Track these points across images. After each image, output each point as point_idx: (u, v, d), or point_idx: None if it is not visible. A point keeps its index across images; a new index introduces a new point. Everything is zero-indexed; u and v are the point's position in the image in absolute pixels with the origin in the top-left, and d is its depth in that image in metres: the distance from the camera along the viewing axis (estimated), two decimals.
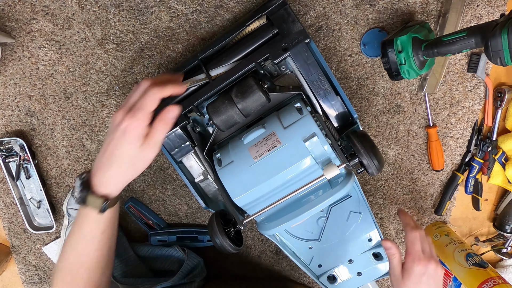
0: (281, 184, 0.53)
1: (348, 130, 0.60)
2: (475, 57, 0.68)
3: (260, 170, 0.53)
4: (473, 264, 0.69)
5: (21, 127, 0.72)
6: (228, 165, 0.55)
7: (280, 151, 0.52)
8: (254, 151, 0.53)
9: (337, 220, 0.64)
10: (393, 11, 0.66)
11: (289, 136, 0.53)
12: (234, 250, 0.59)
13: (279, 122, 0.55)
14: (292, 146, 0.52)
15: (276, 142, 0.53)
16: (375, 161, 0.53)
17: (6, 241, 0.81)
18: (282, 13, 0.55)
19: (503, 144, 0.73)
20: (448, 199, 0.77)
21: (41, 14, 0.66)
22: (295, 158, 0.52)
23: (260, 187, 0.53)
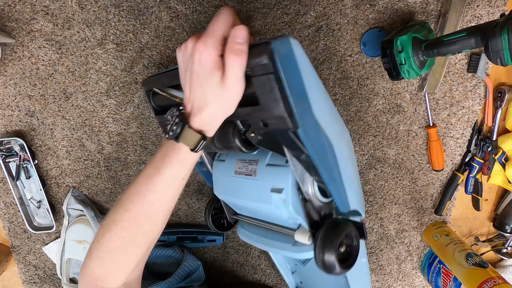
0: (250, 208, 0.53)
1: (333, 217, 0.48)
2: (475, 57, 0.68)
3: (234, 185, 0.52)
4: (473, 264, 0.69)
5: (21, 127, 0.72)
6: (219, 161, 0.56)
7: (251, 182, 0.49)
8: (237, 166, 0.52)
9: None
10: (393, 11, 0.66)
11: (263, 176, 0.47)
12: (212, 229, 0.67)
13: (268, 154, 0.49)
14: (261, 188, 0.47)
15: (253, 172, 0.49)
16: (321, 256, 0.41)
17: (6, 241, 0.81)
18: (263, 81, 0.36)
19: (503, 144, 0.73)
20: (448, 199, 0.77)
21: (41, 14, 0.66)
22: (261, 199, 0.47)
23: (232, 198, 0.53)
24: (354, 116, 0.73)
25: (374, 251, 0.83)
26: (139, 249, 0.45)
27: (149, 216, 0.43)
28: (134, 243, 0.44)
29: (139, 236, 0.44)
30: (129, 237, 0.44)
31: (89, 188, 0.76)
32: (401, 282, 0.86)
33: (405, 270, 0.85)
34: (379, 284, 0.86)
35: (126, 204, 0.43)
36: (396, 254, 0.84)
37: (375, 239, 0.82)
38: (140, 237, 0.44)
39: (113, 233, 0.44)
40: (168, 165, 0.42)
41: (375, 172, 0.77)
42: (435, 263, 0.79)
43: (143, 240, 0.45)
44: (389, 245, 0.83)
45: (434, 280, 0.79)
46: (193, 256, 0.76)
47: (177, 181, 0.43)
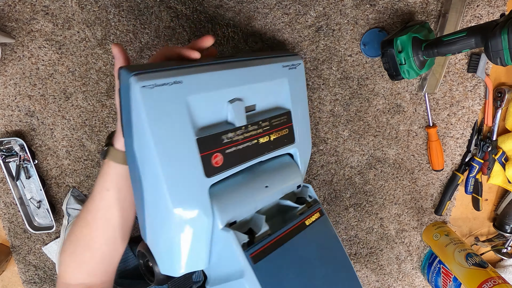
0: None
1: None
2: (475, 57, 0.68)
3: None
4: (473, 264, 0.69)
5: (21, 127, 0.72)
6: None
7: None
8: None
9: None
10: (393, 11, 0.66)
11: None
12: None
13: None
14: None
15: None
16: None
17: (6, 241, 0.81)
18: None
19: (503, 144, 0.73)
20: (448, 199, 0.77)
21: (41, 14, 0.66)
22: None
23: None
24: (354, 116, 0.73)
25: (374, 251, 0.83)
26: (84, 252, 0.51)
27: (87, 223, 0.50)
28: (78, 246, 0.51)
29: (81, 241, 0.51)
30: (75, 241, 0.51)
31: (89, 188, 0.76)
32: (401, 282, 0.86)
33: (405, 270, 0.85)
34: (379, 284, 0.86)
35: (79, 214, 0.52)
36: (396, 254, 0.84)
37: (375, 239, 0.82)
38: (81, 241, 0.51)
39: (67, 238, 0.52)
40: (106, 176, 0.49)
41: (375, 172, 0.77)
42: (435, 263, 0.79)
43: (89, 243, 0.50)
44: (389, 245, 0.83)
45: (434, 280, 0.79)
46: None
47: (103, 191, 0.49)
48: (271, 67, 0.50)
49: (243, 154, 0.46)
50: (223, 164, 0.44)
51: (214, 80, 0.44)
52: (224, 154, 0.44)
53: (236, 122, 0.45)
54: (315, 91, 0.71)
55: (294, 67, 0.53)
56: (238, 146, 0.46)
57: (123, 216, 0.50)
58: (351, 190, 0.78)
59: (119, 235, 0.51)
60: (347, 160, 0.76)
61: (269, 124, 0.49)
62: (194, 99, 0.42)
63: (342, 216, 0.80)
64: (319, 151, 0.75)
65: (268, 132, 0.49)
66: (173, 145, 0.40)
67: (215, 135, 0.43)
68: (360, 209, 0.80)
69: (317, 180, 0.77)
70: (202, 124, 0.43)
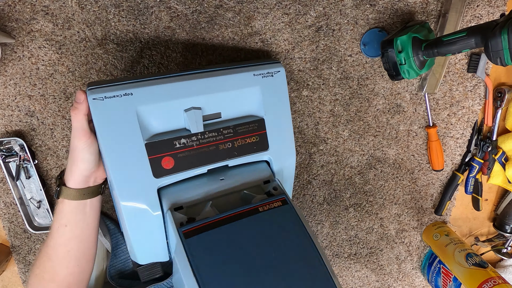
0: None
1: None
2: (475, 57, 0.68)
3: None
4: (473, 264, 0.69)
5: (21, 127, 0.72)
6: None
7: None
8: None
9: None
10: (393, 11, 0.66)
11: None
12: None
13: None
14: None
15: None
16: None
17: (6, 241, 0.81)
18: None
19: (503, 144, 0.73)
20: (448, 199, 0.77)
21: (41, 14, 0.66)
22: None
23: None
24: (354, 116, 0.73)
25: (374, 251, 0.83)
26: (48, 284, 0.53)
27: (49, 257, 0.53)
28: (42, 279, 0.53)
29: (45, 274, 0.53)
30: (40, 274, 0.53)
31: None
32: (401, 282, 0.86)
33: (405, 270, 0.85)
34: (379, 284, 0.86)
35: (40, 248, 0.56)
36: (396, 254, 0.84)
37: (375, 239, 0.82)
38: (46, 275, 0.53)
39: (32, 272, 0.54)
40: (53, 216, 0.53)
41: (375, 172, 0.77)
42: (435, 263, 0.79)
43: (53, 276, 0.53)
44: (389, 245, 0.83)
45: (434, 280, 0.79)
46: None
47: (61, 227, 0.52)
48: (239, 76, 0.52)
49: (198, 159, 0.50)
50: (174, 166, 0.49)
51: (166, 92, 0.48)
52: (176, 158, 0.49)
53: (192, 129, 0.50)
54: (315, 91, 0.71)
55: (270, 75, 0.54)
56: (192, 152, 0.50)
57: (83, 246, 0.54)
58: (351, 190, 0.78)
59: (82, 263, 0.55)
60: (347, 160, 0.76)
61: (232, 131, 0.52)
62: (145, 109, 0.47)
63: (342, 216, 0.80)
64: (319, 151, 0.75)
65: (231, 139, 0.52)
66: (121, 148, 0.47)
67: (167, 141, 0.49)
68: (360, 209, 0.80)
69: (317, 180, 0.77)
70: (157, 131, 0.49)
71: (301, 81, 0.70)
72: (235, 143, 0.52)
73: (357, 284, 0.86)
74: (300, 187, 0.78)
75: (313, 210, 0.79)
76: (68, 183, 0.50)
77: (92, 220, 0.54)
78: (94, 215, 0.53)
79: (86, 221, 0.53)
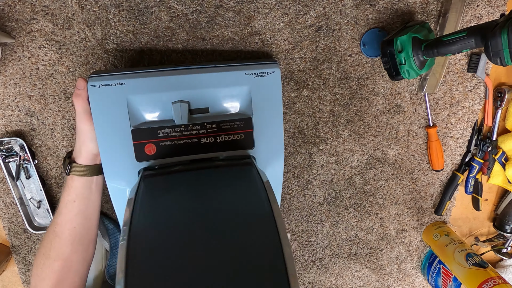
0: None
1: None
2: (475, 57, 0.68)
3: None
4: (473, 264, 0.69)
5: (21, 127, 0.72)
6: None
7: None
8: None
9: None
10: (393, 11, 0.66)
11: None
12: None
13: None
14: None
15: None
16: None
17: (6, 241, 0.81)
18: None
19: (503, 144, 0.73)
20: (448, 199, 0.77)
21: (41, 14, 0.66)
22: None
23: None
24: (354, 116, 0.73)
25: (374, 251, 0.83)
26: (54, 263, 0.55)
27: (56, 234, 0.56)
28: (48, 258, 0.56)
29: (51, 252, 0.56)
30: (46, 253, 0.56)
31: None
32: (401, 282, 0.86)
33: (405, 270, 0.85)
34: (379, 284, 0.86)
35: (48, 228, 0.58)
36: (396, 254, 0.84)
37: (375, 239, 0.82)
38: (52, 252, 0.56)
39: (39, 252, 0.57)
40: (62, 193, 0.57)
41: (375, 172, 0.77)
42: (435, 263, 0.79)
43: (58, 253, 0.56)
44: (389, 245, 0.83)
45: (434, 280, 0.79)
46: None
47: (70, 203, 0.55)
48: (230, 74, 0.53)
49: (180, 149, 0.53)
50: (155, 153, 0.52)
51: (156, 84, 0.51)
52: (158, 146, 0.52)
53: (176, 120, 0.52)
54: (315, 91, 0.71)
55: (263, 75, 0.55)
56: (175, 141, 0.52)
57: (87, 224, 0.57)
58: (351, 190, 0.78)
59: (85, 242, 0.58)
60: (347, 160, 0.76)
61: (216, 126, 0.53)
62: (135, 98, 0.51)
63: (342, 216, 0.80)
64: (319, 151, 0.75)
65: (214, 134, 0.53)
66: (110, 131, 0.52)
67: (152, 129, 0.52)
68: (360, 209, 0.80)
69: (317, 180, 0.77)
70: (145, 119, 0.53)
71: (301, 81, 0.70)
72: (218, 138, 0.54)
73: (357, 284, 0.86)
74: (300, 187, 0.78)
75: (313, 210, 0.79)
76: (78, 160, 0.55)
77: (96, 198, 0.58)
78: (98, 192, 0.58)
79: (91, 198, 0.57)
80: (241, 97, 0.55)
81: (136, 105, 0.52)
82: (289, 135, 0.74)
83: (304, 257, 0.83)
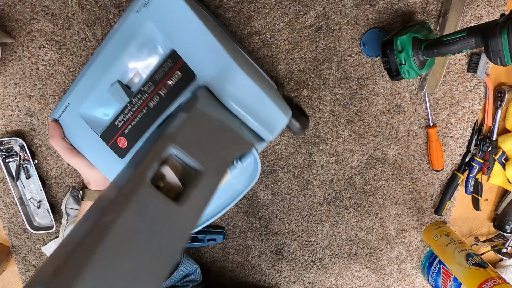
0: None
1: None
2: (475, 57, 0.68)
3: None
4: (473, 264, 0.69)
5: (21, 127, 0.72)
6: None
7: None
8: None
9: None
10: (393, 11, 0.66)
11: None
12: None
13: None
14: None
15: None
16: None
17: (6, 241, 0.81)
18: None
19: (503, 144, 0.73)
20: (448, 199, 0.77)
21: (41, 14, 0.66)
22: None
23: None
24: (354, 116, 0.73)
25: (374, 251, 0.83)
26: None
27: None
28: None
29: None
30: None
31: None
32: (401, 282, 0.86)
33: (405, 270, 0.85)
34: (379, 284, 0.86)
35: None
36: (396, 254, 0.84)
37: (375, 239, 0.82)
38: None
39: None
40: (78, 218, 0.59)
41: (375, 172, 0.77)
42: (435, 263, 0.79)
43: None
44: (389, 245, 0.83)
45: (434, 280, 0.79)
46: (190, 260, 0.76)
47: None
48: (125, 24, 0.48)
49: (142, 125, 0.50)
50: (128, 143, 0.52)
51: (86, 85, 0.51)
52: (125, 135, 0.51)
53: (120, 103, 0.50)
54: (315, 91, 0.71)
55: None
56: (133, 122, 0.51)
57: None
58: (351, 190, 0.78)
59: None
60: (347, 160, 0.76)
61: (152, 83, 0.49)
62: (84, 110, 0.51)
63: (342, 216, 0.80)
64: (319, 151, 0.75)
65: (155, 91, 0.49)
66: (92, 146, 0.53)
67: (110, 125, 0.51)
68: (360, 209, 0.80)
69: (317, 180, 0.77)
70: (105, 122, 0.52)
71: (301, 81, 0.70)
72: (161, 92, 0.49)
73: (357, 284, 0.86)
74: (300, 187, 0.78)
75: (313, 210, 0.79)
76: (90, 186, 0.57)
77: None
78: None
79: None
80: (151, 37, 0.48)
81: (89, 115, 0.52)
82: (289, 135, 0.74)
83: (304, 257, 0.83)
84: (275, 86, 0.58)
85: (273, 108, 0.50)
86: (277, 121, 0.51)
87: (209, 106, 0.46)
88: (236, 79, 0.48)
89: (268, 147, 0.74)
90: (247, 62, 0.55)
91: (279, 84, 0.71)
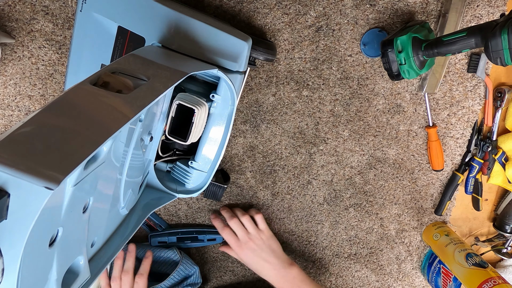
0: None
1: None
2: (475, 57, 0.68)
3: None
4: (473, 264, 0.69)
5: None
6: None
7: None
8: None
9: None
10: (393, 11, 0.66)
11: None
12: None
13: None
14: None
15: None
16: None
17: None
18: None
19: (503, 144, 0.73)
20: (448, 199, 0.77)
21: (41, 14, 0.66)
22: None
23: None
24: (354, 116, 0.73)
25: (374, 251, 0.83)
26: None
27: None
28: None
29: None
30: None
31: None
32: (401, 282, 0.86)
33: (405, 270, 0.85)
34: (379, 284, 0.86)
35: None
36: (396, 254, 0.84)
37: (375, 239, 0.82)
38: None
39: None
40: None
41: (375, 172, 0.77)
42: (435, 263, 0.79)
43: None
44: (389, 245, 0.83)
45: (434, 280, 0.79)
46: (190, 260, 0.76)
47: None
48: (77, 29, 0.56)
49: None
50: None
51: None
52: None
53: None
54: (315, 91, 0.71)
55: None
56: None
57: None
58: (351, 190, 0.78)
59: None
60: (347, 160, 0.76)
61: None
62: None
63: (342, 216, 0.80)
64: (319, 151, 0.75)
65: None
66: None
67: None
68: (360, 209, 0.80)
69: (317, 180, 0.77)
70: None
71: (301, 81, 0.70)
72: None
73: (357, 284, 0.86)
74: (300, 187, 0.78)
75: (313, 210, 0.79)
76: None
77: None
78: None
79: None
80: (102, 27, 0.53)
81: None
82: (289, 135, 0.74)
83: (304, 257, 0.83)
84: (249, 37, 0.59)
85: (230, 38, 0.54)
86: (239, 49, 0.54)
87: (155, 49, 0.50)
88: (188, 26, 0.52)
89: (268, 147, 0.74)
90: (205, 17, 0.57)
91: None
